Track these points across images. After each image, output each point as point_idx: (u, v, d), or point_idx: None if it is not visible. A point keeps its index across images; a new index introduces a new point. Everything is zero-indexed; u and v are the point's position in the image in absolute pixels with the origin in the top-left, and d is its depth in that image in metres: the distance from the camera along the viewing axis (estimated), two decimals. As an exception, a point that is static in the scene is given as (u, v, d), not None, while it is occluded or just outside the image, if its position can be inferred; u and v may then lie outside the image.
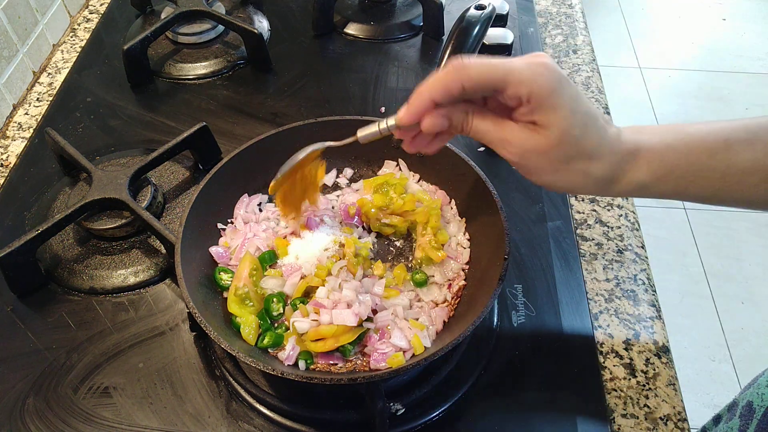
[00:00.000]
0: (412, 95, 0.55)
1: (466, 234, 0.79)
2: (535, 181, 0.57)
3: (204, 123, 0.91)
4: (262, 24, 1.20)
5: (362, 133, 0.63)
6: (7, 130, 1.04)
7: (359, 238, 0.79)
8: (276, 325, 0.71)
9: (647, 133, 0.57)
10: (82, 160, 0.88)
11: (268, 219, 0.82)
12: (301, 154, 0.71)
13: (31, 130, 1.04)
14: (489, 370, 0.73)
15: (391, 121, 0.60)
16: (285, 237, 0.78)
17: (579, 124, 0.53)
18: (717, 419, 0.83)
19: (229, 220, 0.81)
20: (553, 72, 0.52)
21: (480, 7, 0.90)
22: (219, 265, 0.76)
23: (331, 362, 0.68)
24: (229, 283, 0.73)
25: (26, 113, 1.07)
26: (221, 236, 0.80)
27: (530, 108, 0.52)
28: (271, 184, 0.73)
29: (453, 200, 0.83)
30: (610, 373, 0.73)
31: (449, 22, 1.15)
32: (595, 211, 0.90)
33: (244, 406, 0.70)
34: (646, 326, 0.77)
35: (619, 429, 0.68)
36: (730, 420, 0.78)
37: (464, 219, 0.80)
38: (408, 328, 0.69)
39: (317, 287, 0.71)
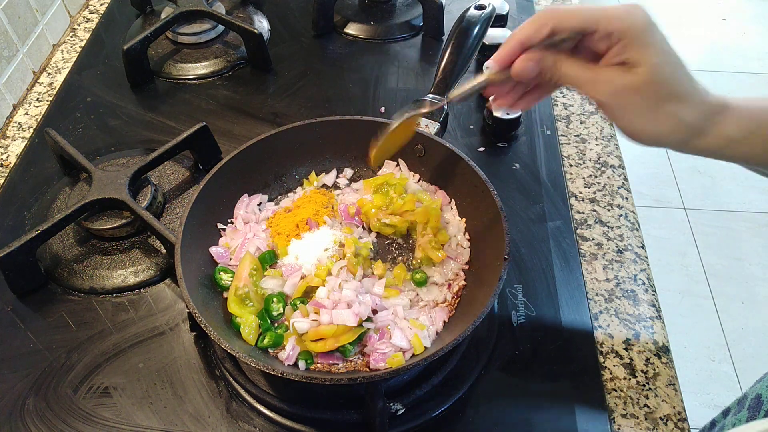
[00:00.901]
0: (504, 42, 0.58)
1: (466, 234, 0.79)
2: (624, 126, 0.57)
3: (204, 123, 0.91)
4: (262, 24, 1.20)
5: (456, 92, 0.64)
6: (7, 130, 1.04)
7: (359, 238, 0.79)
8: (276, 325, 0.71)
9: (731, 96, 0.58)
10: (82, 160, 0.88)
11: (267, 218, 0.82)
12: (395, 123, 0.71)
13: (31, 130, 1.04)
14: (489, 370, 0.73)
15: (482, 76, 0.61)
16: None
17: (670, 63, 0.54)
18: (726, 412, 0.83)
19: (229, 220, 0.81)
20: (644, 12, 0.53)
21: (480, 7, 0.90)
22: (219, 265, 0.76)
23: (331, 362, 0.68)
24: (229, 283, 0.73)
25: (26, 113, 1.07)
26: (221, 236, 0.80)
27: (622, 46, 0.53)
28: (372, 154, 0.75)
29: (453, 200, 0.83)
30: (610, 373, 0.73)
31: (449, 22, 1.15)
32: (595, 211, 0.90)
33: (244, 406, 0.70)
34: (646, 326, 0.77)
35: (619, 429, 0.68)
36: (738, 412, 0.78)
37: (464, 219, 0.80)
38: (408, 328, 0.69)
39: (317, 287, 0.71)
